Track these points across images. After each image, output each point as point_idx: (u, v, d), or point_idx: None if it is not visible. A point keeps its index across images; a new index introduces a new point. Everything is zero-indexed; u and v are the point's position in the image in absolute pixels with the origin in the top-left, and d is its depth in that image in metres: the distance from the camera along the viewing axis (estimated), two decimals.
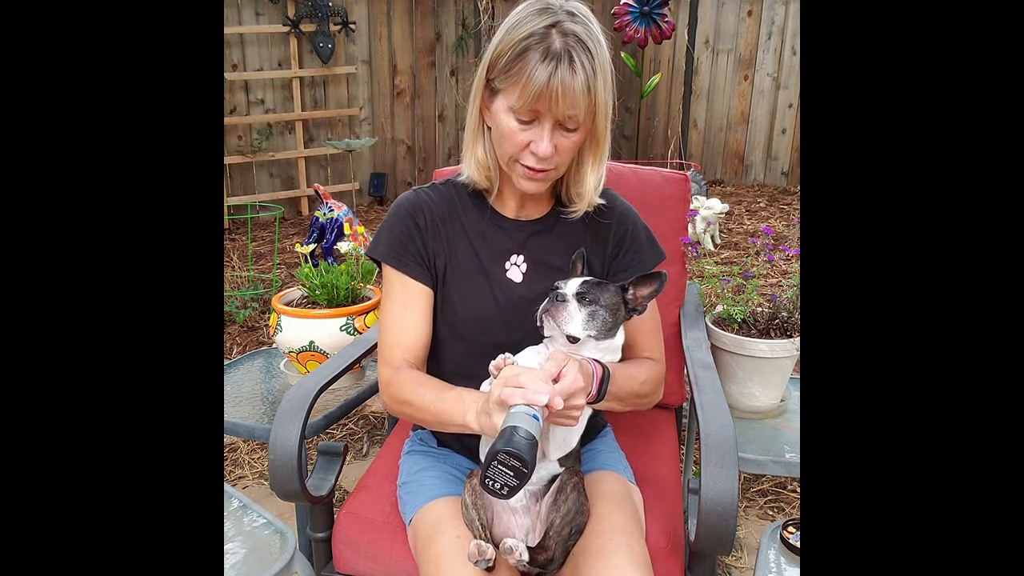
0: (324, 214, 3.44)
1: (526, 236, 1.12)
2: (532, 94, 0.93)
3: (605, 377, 0.98)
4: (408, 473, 1.16)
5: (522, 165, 1.01)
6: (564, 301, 0.98)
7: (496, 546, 0.95)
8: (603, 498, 1.04)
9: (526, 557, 0.93)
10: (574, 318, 0.98)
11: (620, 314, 1.02)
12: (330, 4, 4.55)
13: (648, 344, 1.13)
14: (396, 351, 1.08)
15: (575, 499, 0.98)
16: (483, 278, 1.10)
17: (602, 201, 1.11)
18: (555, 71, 0.92)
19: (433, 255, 1.10)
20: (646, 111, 5.57)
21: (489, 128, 1.05)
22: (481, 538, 0.96)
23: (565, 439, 1.00)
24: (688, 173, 1.58)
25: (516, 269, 1.11)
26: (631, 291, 1.03)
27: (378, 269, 1.19)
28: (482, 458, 1.04)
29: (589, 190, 1.07)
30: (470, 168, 1.10)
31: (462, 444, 1.16)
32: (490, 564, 0.93)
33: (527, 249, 1.11)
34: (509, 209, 1.13)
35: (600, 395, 0.97)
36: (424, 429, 1.22)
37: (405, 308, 1.09)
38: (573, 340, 0.99)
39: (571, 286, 1.00)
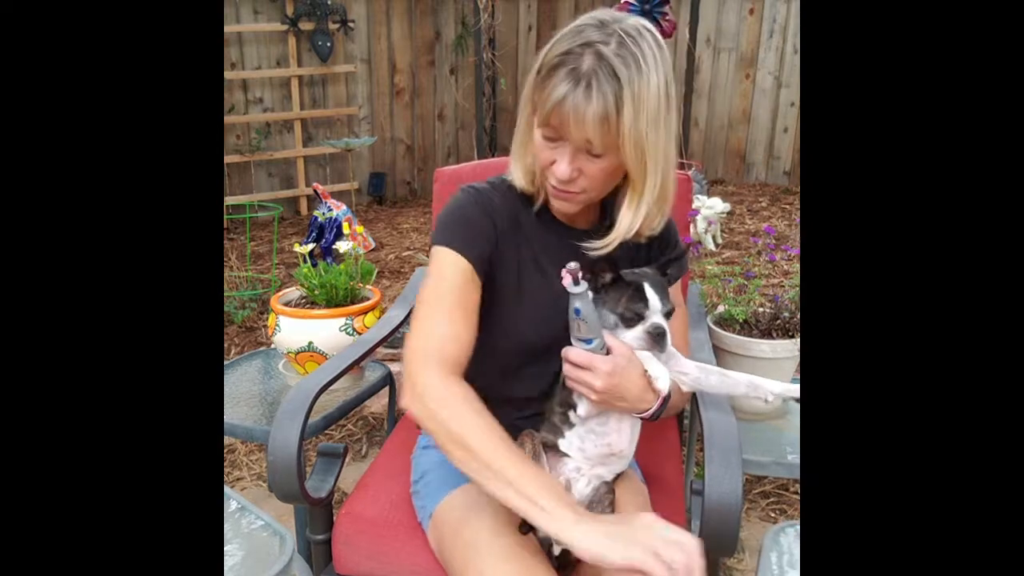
0: (323, 213, 3.44)
1: (580, 243, 1.04)
2: (548, 110, 0.89)
3: (667, 396, 0.96)
4: (424, 468, 1.14)
5: (549, 183, 0.97)
6: (663, 333, 0.95)
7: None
8: (620, 491, 1.05)
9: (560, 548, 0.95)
10: (667, 340, 0.97)
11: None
12: (329, 3, 4.54)
13: (679, 344, 1.08)
14: (440, 354, 0.92)
15: (608, 514, 0.99)
16: (548, 293, 1.03)
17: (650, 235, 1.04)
18: (572, 92, 0.86)
19: (499, 259, 1.02)
20: None
21: None
22: None
23: (632, 428, 1.03)
24: (690, 172, 1.57)
25: (568, 276, 1.00)
26: (668, 269, 1.03)
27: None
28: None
29: (622, 229, 0.98)
30: (517, 175, 1.03)
31: None
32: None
33: (582, 258, 1.02)
34: (561, 216, 1.07)
35: (659, 413, 0.97)
36: None
37: (465, 309, 0.96)
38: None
39: (657, 311, 0.96)
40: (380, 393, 1.68)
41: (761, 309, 1.44)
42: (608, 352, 0.94)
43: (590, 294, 0.93)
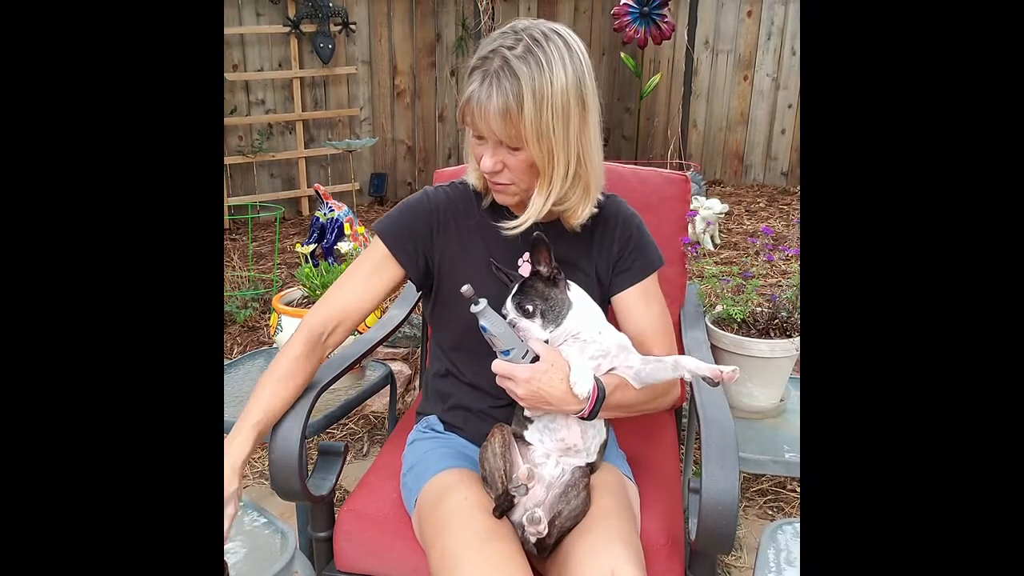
0: (324, 214, 3.44)
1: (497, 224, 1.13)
2: (461, 108, 1.00)
3: (600, 397, 1.00)
4: (411, 461, 1.17)
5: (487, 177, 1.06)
6: (514, 325, 1.02)
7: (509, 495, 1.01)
8: (596, 486, 1.07)
9: (545, 531, 0.99)
10: (531, 329, 1.01)
11: (554, 292, 1.04)
12: (330, 4, 4.55)
13: (655, 342, 1.14)
14: (314, 318, 1.11)
15: (584, 498, 1.03)
16: (494, 277, 1.11)
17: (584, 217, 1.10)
18: (478, 90, 0.96)
19: (441, 248, 1.13)
20: (646, 111, 5.57)
21: None
22: (501, 488, 1.01)
23: (596, 429, 1.08)
24: (688, 173, 1.58)
25: (527, 266, 1.13)
26: (538, 268, 1.04)
27: None
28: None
29: (532, 211, 1.05)
30: (470, 175, 1.15)
31: (465, 431, 1.19)
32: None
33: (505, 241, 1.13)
34: (513, 208, 1.14)
35: (593, 413, 1.00)
36: (432, 416, 1.24)
37: (356, 281, 1.13)
38: (547, 342, 1.03)
39: (511, 309, 1.03)
40: (381, 392, 1.69)
41: (759, 309, 1.45)
42: (536, 359, 1.00)
43: (491, 311, 0.99)
